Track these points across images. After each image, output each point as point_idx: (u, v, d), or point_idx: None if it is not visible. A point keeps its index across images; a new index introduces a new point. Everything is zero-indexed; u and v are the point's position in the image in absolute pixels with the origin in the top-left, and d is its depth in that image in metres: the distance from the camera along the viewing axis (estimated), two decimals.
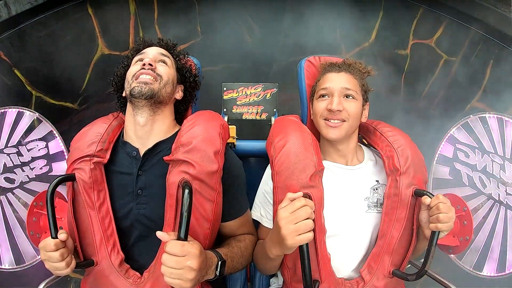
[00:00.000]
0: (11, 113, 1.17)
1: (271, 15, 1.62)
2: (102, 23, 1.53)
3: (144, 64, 0.83)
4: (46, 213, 0.81)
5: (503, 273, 1.14)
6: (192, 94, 0.97)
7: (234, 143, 1.17)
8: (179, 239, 0.62)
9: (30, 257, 1.15)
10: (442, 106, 1.63)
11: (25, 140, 1.18)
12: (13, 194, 1.16)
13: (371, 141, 0.94)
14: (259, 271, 0.95)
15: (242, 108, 1.30)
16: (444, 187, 1.24)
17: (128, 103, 0.85)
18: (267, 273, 0.92)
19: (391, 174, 0.84)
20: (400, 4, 1.61)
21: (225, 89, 1.30)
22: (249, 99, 1.30)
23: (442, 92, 1.63)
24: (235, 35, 1.61)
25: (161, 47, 0.92)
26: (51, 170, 1.20)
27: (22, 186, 1.16)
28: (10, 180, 1.16)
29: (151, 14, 1.58)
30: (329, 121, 0.85)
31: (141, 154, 0.82)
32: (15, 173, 1.16)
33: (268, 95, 1.30)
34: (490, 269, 1.15)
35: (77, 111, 1.54)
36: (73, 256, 0.73)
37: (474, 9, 1.52)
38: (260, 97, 1.30)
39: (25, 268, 1.15)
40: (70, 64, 1.49)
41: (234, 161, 0.84)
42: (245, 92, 1.30)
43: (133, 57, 0.90)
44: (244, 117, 1.31)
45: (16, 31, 1.42)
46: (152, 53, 0.88)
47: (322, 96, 0.87)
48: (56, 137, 1.22)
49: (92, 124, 0.89)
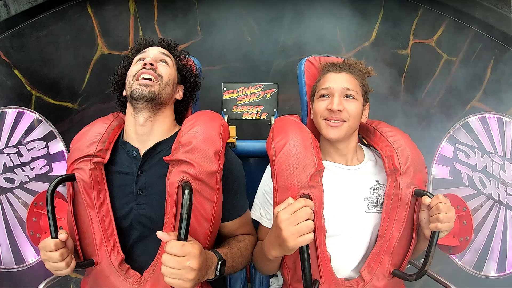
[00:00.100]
0: (11, 113, 1.17)
1: (271, 15, 1.62)
2: (101, 23, 1.53)
3: (145, 64, 0.83)
4: (46, 213, 0.81)
5: (503, 273, 1.14)
6: (192, 94, 0.96)
7: (234, 143, 1.17)
8: (179, 239, 0.62)
9: (30, 257, 1.15)
10: (442, 106, 1.62)
11: (25, 140, 1.17)
12: (13, 194, 1.16)
13: (371, 141, 0.94)
14: (259, 272, 0.95)
15: (242, 108, 1.30)
16: (444, 187, 1.23)
17: (128, 103, 0.85)
18: (266, 273, 0.92)
19: (391, 174, 0.84)
20: (400, 4, 1.61)
21: (225, 89, 1.30)
22: (249, 99, 1.30)
23: (442, 92, 1.63)
24: (235, 35, 1.61)
25: (162, 47, 0.91)
26: (51, 170, 1.20)
27: (22, 186, 1.16)
28: (10, 180, 1.16)
29: (151, 13, 1.57)
30: (329, 121, 0.85)
31: (141, 154, 0.82)
32: (15, 173, 1.16)
33: (268, 95, 1.30)
34: (490, 269, 1.14)
35: (77, 111, 1.54)
36: (73, 256, 0.73)
37: (474, 9, 1.51)
38: (260, 97, 1.30)
39: (25, 268, 1.15)
40: (69, 64, 1.48)
41: (234, 161, 0.84)
42: (245, 92, 1.30)
43: (134, 57, 0.90)
44: (244, 117, 1.31)
45: (16, 31, 1.42)
46: (153, 52, 0.88)
47: (323, 96, 0.87)
48: (56, 137, 1.22)
49: (92, 124, 0.89)
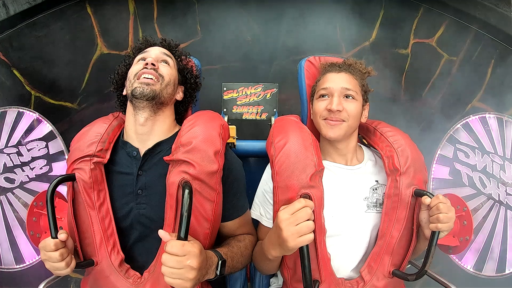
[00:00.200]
0: (11, 113, 1.17)
1: (271, 14, 1.61)
2: (101, 22, 1.53)
3: (147, 64, 0.82)
4: (46, 213, 0.81)
5: (503, 273, 1.15)
6: (193, 95, 0.96)
7: (234, 143, 1.16)
8: (179, 239, 0.62)
9: (30, 257, 1.15)
10: (442, 106, 1.62)
11: (25, 140, 1.17)
12: (13, 194, 1.16)
13: (371, 141, 0.94)
14: (258, 271, 0.95)
15: (242, 108, 1.30)
16: (444, 187, 1.24)
17: (128, 102, 0.85)
18: (266, 273, 0.92)
19: (391, 174, 0.84)
20: (401, 3, 1.60)
21: (225, 89, 1.30)
22: (249, 99, 1.30)
23: (443, 92, 1.63)
24: (235, 35, 1.61)
25: (163, 47, 0.91)
26: (51, 170, 1.20)
27: (22, 186, 1.16)
28: (10, 180, 1.16)
29: (151, 13, 1.57)
30: (329, 120, 0.84)
31: (141, 154, 0.82)
32: (15, 173, 1.16)
33: (268, 95, 1.30)
34: (490, 269, 1.15)
35: (77, 111, 1.54)
36: (73, 256, 0.73)
37: (475, 8, 1.51)
38: (260, 97, 1.30)
39: (25, 268, 1.15)
40: (69, 64, 1.48)
41: (234, 161, 0.84)
42: (245, 92, 1.29)
43: (135, 56, 0.90)
44: (244, 117, 1.30)
45: (15, 31, 1.41)
46: (154, 52, 0.88)
47: (322, 96, 0.87)
48: (56, 137, 1.22)
49: (92, 124, 0.89)
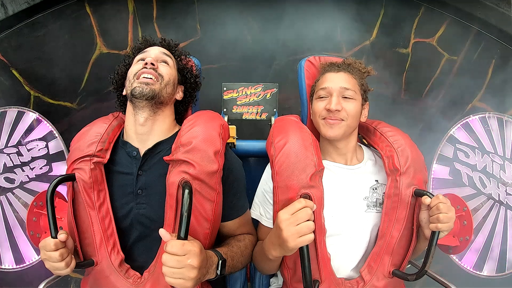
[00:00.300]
0: (11, 113, 1.17)
1: (271, 14, 1.61)
2: (100, 22, 1.52)
3: (146, 64, 0.82)
4: (46, 213, 0.81)
5: (503, 273, 1.15)
6: (192, 95, 0.96)
7: (234, 143, 1.16)
8: (179, 239, 0.62)
9: (30, 257, 1.16)
10: (442, 106, 1.62)
11: (25, 140, 1.17)
12: (13, 194, 1.16)
13: (371, 141, 0.94)
14: (259, 271, 0.95)
15: (242, 108, 1.30)
16: (444, 187, 1.24)
17: (128, 102, 0.85)
18: (266, 273, 0.92)
19: (391, 174, 0.84)
20: (401, 2, 1.60)
21: (225, 89, 1.30)
22: (249, 99, 1.30)
23: (443, 91, 1.63)
24: (235, 34, 1.61)
25: (163, 47, 0.91)
26: (51, 170, 1.20)
27: (22, 186, 1.16)
28: (10, 180, 1.16)
29: (150, 12, 1.57)
30: (328, 120, 0.84)
31: (141, 154, 0.82)
32: (15, 173, 1.16)
33: (268, 95, 1.30)
34: (490, 269, 1.15)
35: (76, 111, 1.54)
36: (73, 256, 0.73)
37: (476, 8, 1.51)
38: (260, 97, 1.30)
39: (25, 268, 1.16)
40: (68, 64, 1.48)
41: (234, 161, 0.84)
42: (245, 92, 1.29)
43: (135, 56, 0.89)
44: (244, 117, 1.30)
45: (14, 31, 1.41)
46: (154, 52, 0.87)
47: (321, 96, 0.87)
48: (56, 137, 1.22)
49: (92, 124, 0.88)
